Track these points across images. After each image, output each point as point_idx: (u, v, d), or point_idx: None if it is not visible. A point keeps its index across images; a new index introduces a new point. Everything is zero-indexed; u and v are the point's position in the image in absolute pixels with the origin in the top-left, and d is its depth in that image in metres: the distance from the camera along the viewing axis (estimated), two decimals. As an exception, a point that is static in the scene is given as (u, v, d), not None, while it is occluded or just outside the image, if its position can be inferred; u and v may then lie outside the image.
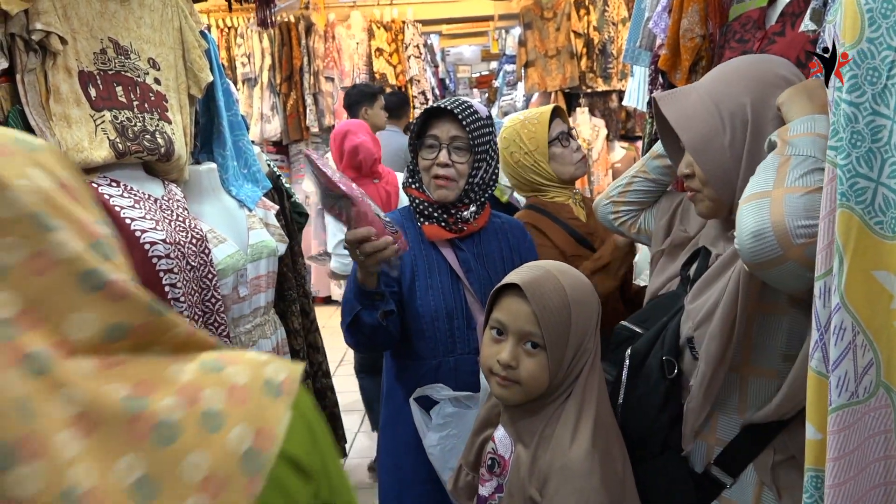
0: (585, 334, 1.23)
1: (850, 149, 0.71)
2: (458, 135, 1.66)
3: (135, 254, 1.54)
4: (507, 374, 1.22)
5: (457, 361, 1.66)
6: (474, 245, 1.74)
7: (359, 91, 4.41)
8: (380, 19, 6.63)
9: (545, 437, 1.21)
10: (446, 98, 1.74)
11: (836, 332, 0.75)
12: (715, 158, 1.16)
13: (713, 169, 1.17)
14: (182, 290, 1.62)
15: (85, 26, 1.59)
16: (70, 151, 1.49)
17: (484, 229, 1.76)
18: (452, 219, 1.70)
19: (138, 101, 1.69)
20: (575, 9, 6.23)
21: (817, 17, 1.39)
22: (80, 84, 1.56)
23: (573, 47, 6.22)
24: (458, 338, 1.67)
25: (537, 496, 1.18)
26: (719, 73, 1.22)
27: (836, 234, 0.73)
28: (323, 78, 6.34)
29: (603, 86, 6.26)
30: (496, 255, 1.75)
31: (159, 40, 1.79)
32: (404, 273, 1.69)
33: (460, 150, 1.67)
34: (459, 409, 1.58)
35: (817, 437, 0.80)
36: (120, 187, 1.60)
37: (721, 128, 1.15)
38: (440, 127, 1.68)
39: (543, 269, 1.25)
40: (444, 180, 1.67)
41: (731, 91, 1.17)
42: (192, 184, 1.90)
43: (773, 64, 1.20)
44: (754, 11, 1.75)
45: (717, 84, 1.20)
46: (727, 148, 1.15)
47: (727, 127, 1.15)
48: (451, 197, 1.68)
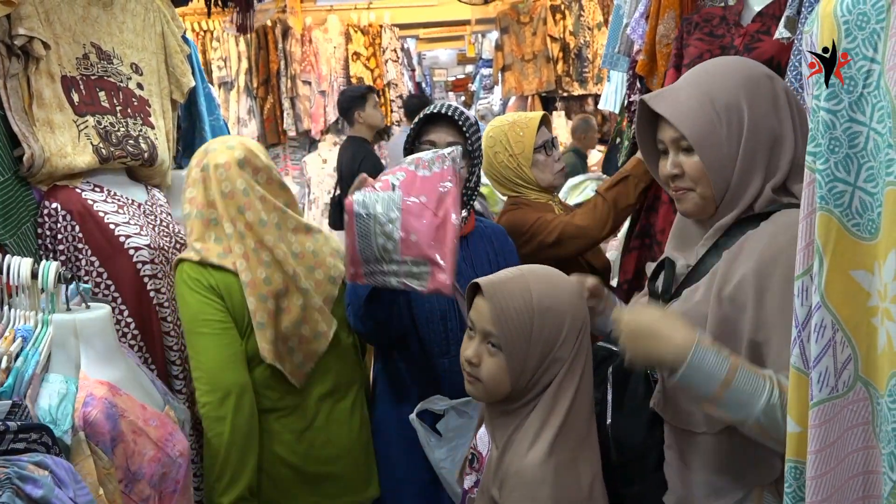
0: (555, 342, 1.19)
1: (828, 154, 0.74)
2: (454, 140, 1.67)
3: (119, 259, 1.54)
4: (470, 370, 1.23)
5: (451, 363, 1.67)
6: (463, 249, 1.75)
7: (347, 97, 4.40)
8: (357, 23, 6.63)
9: (511, 440, 1.21)
10: (438, 103, 1.75)
11: (817, 329, 0.78)
12: (716, 151, 1.16)
13: (714, 161, 1.17)
14: (166, 296, 1.61)
15: (67, 31, 1.59)
16: (53, 157, 1.48)
17: (472, 233, 1.78)
18: None
19: (121, 105, 1.68)
20: (551, 13, 6.30)
21: (791, 25, 1.44)
22: (63, 89, 1.55)
23: (549, 51, 6.28)
24: (452, 340, 1.68)
25: (497, 496, 1.19)
26: (705, 72, 1.23)
27: (815, 236, 0.76)
28: (300, 82, 6.32)
29: (579, 90, 6.33)
30: (484, 258, 1.77)
31: (142, 45, 1.79)
32: None
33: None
34: (463, 421, 1.59)
35: (797, 430, 0.84)
36: (104, 192, 1.60)
37: (718, 122, 1.16)
38: (437, 132, 1.68)
39: (519, 272, 1.25)
40: None
41: (724, 86, 1.18)
42: (175, 189, 1.89)
43: (755, 63, 1.24)
44: (717, 9, 1.79)
45: (707, 81, 1.20)
46: (724, 142, 1.16)
47: (723, 121, 1.16)
48: None
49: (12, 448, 0.94)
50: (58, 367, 1.20)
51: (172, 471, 1.24)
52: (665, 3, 1.87)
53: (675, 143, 1.21)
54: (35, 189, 1.51)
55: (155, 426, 1.23)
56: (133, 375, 1.31)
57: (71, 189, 1.54)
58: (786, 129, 1.17)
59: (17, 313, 1.23)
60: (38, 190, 1.51)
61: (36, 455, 0.95)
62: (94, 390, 1.17)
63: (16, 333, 1.20)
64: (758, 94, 1.17)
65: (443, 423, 1.60)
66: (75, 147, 1.54)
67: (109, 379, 1.22)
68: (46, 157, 1.46)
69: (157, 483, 1.22)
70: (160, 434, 1.24)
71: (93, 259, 1.51)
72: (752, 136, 1.16)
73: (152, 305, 1.58)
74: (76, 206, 1.51)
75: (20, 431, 0.95)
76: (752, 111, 1.16)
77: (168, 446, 1.24)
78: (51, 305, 1.23)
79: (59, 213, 1.50)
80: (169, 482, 1.24)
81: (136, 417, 1.21)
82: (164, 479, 1.23)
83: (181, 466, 1.26)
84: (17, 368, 1.15)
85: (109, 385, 1.21)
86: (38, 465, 0.93)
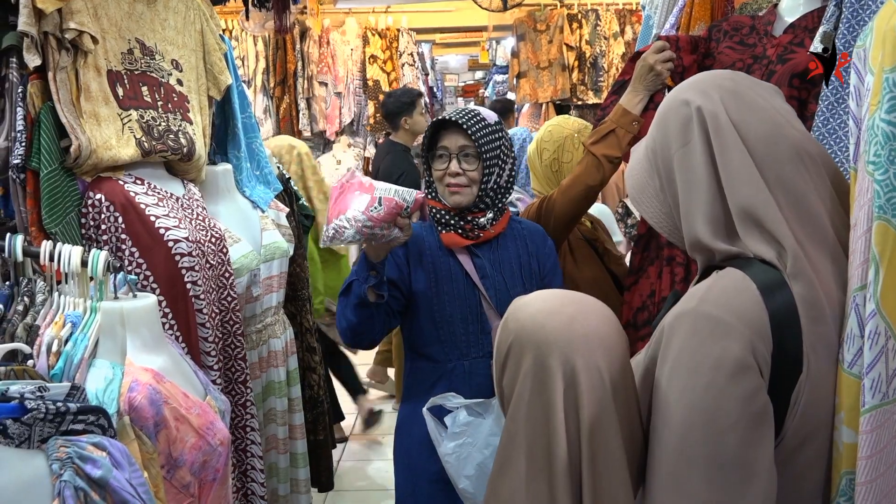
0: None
1: (888, 165, 0.77)
2: (465, 144, 1.73)
3: (158, 250, 1.57)
4: None
5: (471, 365, 1.71)
6: (491, 251, 1.78)
7: (395, 100, 4.21)
8: (374, 26, 6.68)
9: None
10: (454, 110, 1.80)
11: (871, 336, 0.80)
12: (650, 207, 1.08)
13: (650, 217, 1.09)
14: (202, 289, 1.64)
15: (114, 26, 1.62)
16: (99, 149, 1.51)
17: (502, 235, 1.80)
18: (469, 226, 1.74)
19: (162, 101, 1.72)
20: (567, 22, 6.33)
21: (827, 40, 1.46)
22: (109, 83, 1.59)
23: (565, 60, 6.32)
24: (473, 342, 1.72)
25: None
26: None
27: (872, 245, 0.78)
28: (317, 83, 6.36)
29: (594, 99, 6.36)
30: (514, 260, 1.79)
31: (182, 42, 1.83)
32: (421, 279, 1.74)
33: (469, 157, 1.74)
34: (474, 419, 1.61)
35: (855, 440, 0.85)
36: (144, 185, 1.63)
37: (651, 172, 1.07)
38: (448, 138, 1.75)
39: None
40: (457, 187, 1.72)
41: (654, 128, 1.08)
42: (208, 184, 1.92)
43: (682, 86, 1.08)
44: (746, 18, 1.82)
45: (654, 123, 1.10)
46: (657, 194, 1.07)
47: (655, 170, 1.07)
48: (465, 202, 1.74)
49: (71, 429, 0.97)
50: (105, 354, 1.23)
51: (213, 459, 1.27)
52: (696, 14, 1.90)
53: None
54: (79, 180, 1.54)
55: (197, 414, 1.26)
56: (176, 364, 1.34)
57: (114, 181, 1.57)
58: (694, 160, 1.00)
59: (66, 300, 1.26)
60: (82, 181, 1.54)
61: (94, 436, 0.98)
62: (139, 376, 1.20)
63: (65, 319, 1.23)
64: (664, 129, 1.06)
65: (450, 418, 1.63)
66: (119, 140, 1.57)
67: (154, 366, 1.25)
68: (92, 148, 1.49)
69: (198, 471, 1.25)
70: (202, 422, 1.26)
71: (133, 250, 1.54)
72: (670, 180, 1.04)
73: (189, 297, 1.61)
74: (119, 197, 1.54)
75: (79, 413, 0.97)
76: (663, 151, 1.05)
77: (209, 434, 1.26)
78: (99, 293, 1.26)
79: (102, 204, 1.53)
80: (209, 470, 1.27)
81: (179, 405, 1.24)
82: (205, 467, 1.26)
83: (221, 455, 1.29)
84: (66, 352, 1.18)
85: (154, 372, 1.23)
86: (96, 445, 0.96)
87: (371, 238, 1.55)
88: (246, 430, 1.83)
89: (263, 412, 2.07)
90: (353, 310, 1.64)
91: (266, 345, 2.03)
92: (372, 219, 1.52)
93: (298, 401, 2.21)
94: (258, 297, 1.98)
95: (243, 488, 1.85)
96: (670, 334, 0.94)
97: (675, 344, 0.93)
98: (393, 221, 1.54)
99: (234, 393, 1.81)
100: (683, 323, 0.93)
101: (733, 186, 0.96)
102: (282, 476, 2.15)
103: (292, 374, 2.17)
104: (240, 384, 1.82)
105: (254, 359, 1.99)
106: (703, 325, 0.91)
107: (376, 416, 3.77)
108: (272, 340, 2.05)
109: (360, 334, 1.70)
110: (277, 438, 2.12)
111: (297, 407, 2.20)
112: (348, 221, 1.53)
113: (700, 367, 0.89)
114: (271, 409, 2.09)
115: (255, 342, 2.00)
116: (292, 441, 2.20)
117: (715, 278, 0.97)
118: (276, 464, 2.14)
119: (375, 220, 1.52)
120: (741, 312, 0.91)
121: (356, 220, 1.52)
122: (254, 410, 1.86)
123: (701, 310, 0.93)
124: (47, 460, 0.92)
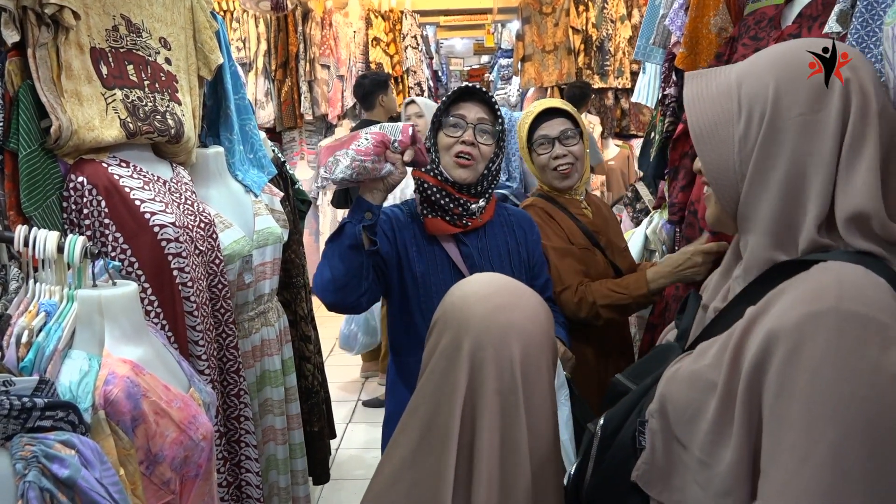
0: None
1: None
2: (485, 117, 1.68)
3: (143, 236, 1.51)
4: None
5: None
6: (478, 239, 1.73)
7: (371, 80, 4.35)
8: (378, 8, 6.58)
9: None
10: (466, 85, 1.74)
11: None
12: (718, 150, 0.95)
13: (713, 161, 0.96)
14: (190, 275, 1.59)
15: (98, 2, 1.55)
16: (81, 129, 1.45)
17: (490, 223, 1.75)
18: (458, 210, 1.68)
19: (149, 80, 1.65)
20: (574, 5, 6.22)
21: (844, 19, 1.38)
22: (92, 61, 1.52)
23: (571, 43, 6.21)
24: None
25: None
26: (755, 55, 0.99)
27: None
28: (319, 65, 6.28)
29: (599, 83, 6.26)
30: (502, 248, 1.74)
31: (171, 19, 1.76)
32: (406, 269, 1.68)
33: (486, 132, 1.68)
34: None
35: None
36: (129, 168, 1.57)
37: (736, 114, 0.94)
38: (468, 108, 1.68)
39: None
40: (467, 159, 1.66)
41: (755, 71, 0.95)
42: (198, 167, 1.86)
43: (805, 45, 0.95)
44: (770, 8, 1.74)
45: (747, 64, 0.98)
46: (736, 140, 0.94)
47: (742, 115, 0.93)
48: (470, 178, 1.68)
49: (38, 426, 0.92)
50: (81, 344, 1.17)
51: (195, 454, 1.22)
52: (706, -4, 1.82)
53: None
54: (61, 162, 1.48)
55: (178, 408, 1.21)
56: (158, 355, 1.28)
57: (97, 163, 1.51)
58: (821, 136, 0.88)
59: (42, 287, 1.20)
60: (63, 163, 1.48)
61: (62, 433, 0.93)
62: (116, 368, 1.15)
63: (39, 308, 1.17)
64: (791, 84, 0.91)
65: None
66: (103, 120, 1.51)
67: (133, 358, 1.20)
68: (74, 129, 1.43)
69: (179, 466, 1.20)
70: (183, 416, 1.21)
71: (117, 235, 1.48)
72: (769, 137, 0.91)
73: (175, 284, 1.55)
74: (103, 180, 1.48)
75: (47, 409, 0.92)
76: (775, 106, 0.91)
77: (191, 429, 1.21)
78: (76, 281, 1.20)
79: (85, 188, 1.46)
80: (191, 466, 1.22)
81: (159, 398, 1.18)
82: (186, 463, 1.21)
83: (204, 450, 1.24)
84: (38, 343, 1.13)
85: (132, 364, 1.18)
86: (64, 443, 0.91)
87: (363, 172, 1.51)
88: (240, 420, 1.78)
89: (259, 402, 2.02)
90: (344, 254, 1.53)
91: (259, 333, 1.98)
92: (360, 152, 1.50)
93: (294, 390, 2.15)
94: (250, 285, 1.92)
95: (237, 480, 1.80)
96: (800, 338, 0.80)
97: (813, 348, 0.80)
98: (382, 155, 1.51)
99: (226, 383, 1.76)
100: (823, 324, 0.80)
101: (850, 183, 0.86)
102: (281, 468, 2.10)
103: (287, 363, 2.12)
104: (232, 373, 1.77)
105: (247, 348, 1.94)
106: (851, 326, 0.79)
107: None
108: (266, 329, 1.99)
109: (344, 287, 1.56)
110: (275, 429, 2.07)
111: (293, 396, 2.15)
112: (339, 157, 1.52)
113: (858, 373, 0.77)
114: (267, 399, 2.04)
115: (248, 331, 1.94)
116: (290, 431, 2.15)
117: (832, 273, 0.84)
118: (275, 455, 2.08)
119: (365, 154, 1.50)
120: (891, 309, 0.80)
121: (346, 156, 1.51)
122: (247, 400, 1.81)
123: (845, 308, 0.79)
124: (11, 459, 0.87)
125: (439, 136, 1.71)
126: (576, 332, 1.97)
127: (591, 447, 1.10)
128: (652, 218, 2.47)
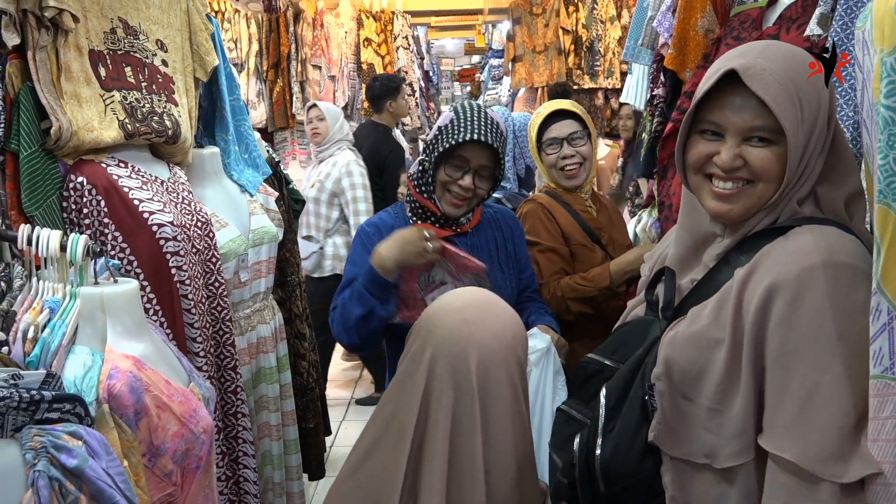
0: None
1: (887, 150, 0.75)
2: (487, 164, 1.71)
3: (142, 235, 1.54)
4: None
5: None
6: (467, 238, 1.78)
7: (382, 85, 4.35)
8: (369, 9, 6.60)
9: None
10: (484, 125, 1.69)
11: (873, 313, 0.82)
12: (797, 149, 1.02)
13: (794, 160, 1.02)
14: (187, 274, 1.61)
15: (96, 5, 1.58)
16: (80, 130, 1.48)
17: (477, 225, 1.81)
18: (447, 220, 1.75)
19: (146, 82, 1.68)
20: (564, 5, 6.26)
21: (824, 22, 1.43)
22: (91, 63, 1.55)
23: (561, 43, 6.25)
24: None
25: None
26: (781, 54, 1.04)
27: (874, 227, 0.79)
28: (310, 66, 6.28)
29: (589, 83, 6.30)
30: (490, 245, 1.79)
31: (167, 22, 1.78)
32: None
33: (484, 178, 1.72)
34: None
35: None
36: (128, 168, 1.60)
37: (800, 115, 1.01)
38: (472, 151, 1.69)
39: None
40: (462, 200, 1.71)
41: (802, 73, 1.01)
42: (194, 167, 1.89)
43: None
44: (754, 10, 1.78)
45: (789, 64, 1.02)
46: (801, 139, 1.01)
47: (805, 115, 1.01)
48: (460, 215, 1.75)
49: (46, 417, 0.94)
50: (84, 340, 1.20)
51: (196, 447, 1.25)
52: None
53: (749, 130, 1.04)
54: (61, 162, 1.50)
55: (179, 402, 1.24)
56: (159, 351, 1.31)
57: (97, 164, 1.53)
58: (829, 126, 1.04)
59: (45, 285, 1.23)
60: (63, 163, 1.51)
61: (70, 425, 0.95)
62: (119, 363, 1.17)
63: (43, 304, 1.20)
64: (826, 91, 1.03)
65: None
66: (102, 122, 1.53)
67: (135, 353, 1.22)
68: (74, 130, 1.46)
69: (180, 459, 1.23)
70: (184, 410, 1.24)
71: (116, 234, 1.51)
72: (820, 134, 1.03)
73: (173, 282, 1.58)
74: (102, 180, 1.51)
75: (54, 401, 0.95)
76: (825, 108, 1.03)
77: (192, 422, 1.24)
78: (79, 278, 1.23)
79: (84, 188, 1.49)
80: (192, 459, 1.25)
81: (161, 392, 1.21)
82: (188, 456, 1.24)
83: (204, 443, 1.27)
84: (43, 339, 1.15)
85: (135, 359, 1.21)
86: (72, 434, 0.94)
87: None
88: (237, 416, 1.81)
89: (255, 399, 2.05)
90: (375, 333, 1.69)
91: (255, 331, 2.01)
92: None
93: (289, 387, 2.19)
94: (246, 283, 1.95)
95: (235, 476, 1.83)
96: (801, 287, 0.95)
97: (814, 294, 0.94)
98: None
99: (223, 379, 1.79)
100: (820, 274, 0.95)
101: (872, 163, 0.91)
102: (276, 463, 2.13)
103: (282, 360, 2.15)
104: (229, 370, 1.80)
105: (242, 345, 1.97)
106: (843, 274, 0.94)
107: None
108: (261, 326, 2.02)
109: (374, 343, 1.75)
110: (270, 425, 2.10)
111: (287, 393, 2.18)
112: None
113: (852, 311, 0.92)
114: (262, 395, 2.07)
115: (244, 328, 1.97)
116: (284, 427, 2.18)
117: (816, 233, 0.99)
118: (270, 451, 2.11)
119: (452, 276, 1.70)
120: (867, 259, 0.94)
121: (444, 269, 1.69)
122: (244, 396, 1.84)
123: (837, 260, 0.95)
124: (21, 450, 0.90)
125: (439, 171, 1.73)
126: (572, 326, 2.03)
127: (598, 420, 1.17)
128: (640, 217, 2.51)
